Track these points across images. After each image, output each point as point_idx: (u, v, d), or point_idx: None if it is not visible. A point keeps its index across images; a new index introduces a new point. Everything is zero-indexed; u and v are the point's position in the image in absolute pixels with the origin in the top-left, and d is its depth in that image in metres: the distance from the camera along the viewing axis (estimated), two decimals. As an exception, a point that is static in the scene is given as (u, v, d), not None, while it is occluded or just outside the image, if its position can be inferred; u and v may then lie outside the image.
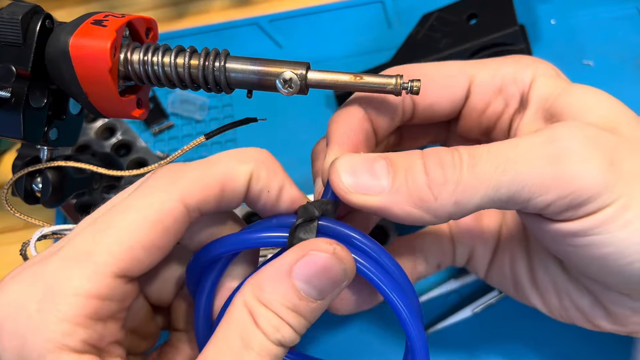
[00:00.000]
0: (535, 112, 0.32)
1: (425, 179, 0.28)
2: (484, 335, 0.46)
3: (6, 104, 0.31)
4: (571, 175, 0.27)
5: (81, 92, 0.31)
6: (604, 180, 0.27)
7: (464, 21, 0.53)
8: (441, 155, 0.28)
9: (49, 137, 0.34)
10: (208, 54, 0.30)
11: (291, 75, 0.30)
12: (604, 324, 0.34)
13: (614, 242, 0.28)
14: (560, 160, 0.27)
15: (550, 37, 0.58)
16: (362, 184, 0.28)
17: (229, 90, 0.31)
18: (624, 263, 0.28)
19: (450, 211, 0.28)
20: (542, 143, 0.28)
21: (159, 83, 0.31)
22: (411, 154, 0.29)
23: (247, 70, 0.30)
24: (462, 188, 0.28)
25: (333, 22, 0.63)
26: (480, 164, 0.28)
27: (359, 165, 0.29)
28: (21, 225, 0.57)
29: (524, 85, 0.33)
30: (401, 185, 0.28)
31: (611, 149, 0.28)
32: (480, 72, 0.35)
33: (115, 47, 0.30)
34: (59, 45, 0.30)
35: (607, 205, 0.27)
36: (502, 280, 0.39)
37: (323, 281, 0.27)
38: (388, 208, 0.28)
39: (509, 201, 0.28)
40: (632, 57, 0.56)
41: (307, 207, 0.29)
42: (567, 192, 0.27)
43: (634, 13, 0.58)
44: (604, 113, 0.30)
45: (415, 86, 0.29)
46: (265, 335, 0.26)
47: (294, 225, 0.29)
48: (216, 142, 0.58)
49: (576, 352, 0.44)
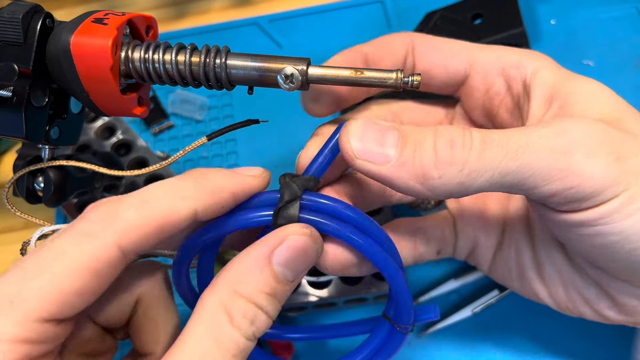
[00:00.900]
0: (541, 98, 0.33)
1: (434, 157, 0.28)
2: (484, 335, 0.46)
3: (8, 103, 0.31)
4: (578, 169, 0.27)
5: (82, 91, 0.31)
6: (610, 175, 0.27)
7: (469, 20, 0.53)
8: (453, 135, 0.29)
9: (51, 136, 0.34)
10: (209, 51, 0.30)
11: (292, 70, 0.30)
12: (611, 314, 0.35)
13: (619, 230, 0.28)
14: (568, 154, 0.27)
15: (550, 37, 0.58)
16: (369, 151, 0.29)
17: (230, 87, 0.31)
18: (629, 249, 0.29)
19: (452, 190, 0.29)
20: (553, 135, 0.28)
21: (160, 80, 0.31)
22: (425, 129, 0.29)
23: (248, 66, 0.30)
24: (468, 171, 0.28)
25: (333, 22, 0.63)
26: (490, 149, 0.28)
27: (371, 132, 0.29)
28: (21, 225, 0.57)
29: (527, 72, 0.34)
30: (407, 160, 0.28)
31: (618, 144, 0.28)
32: (484, 54, 0.36)
33: (117, 45, 0.30)
34: (60, 43, 0.30)
35: (613, 198, 0.27)
36: (506, 274, 0.39)
37: (300, 263, 0.28)
38: (390, 179, 0.29)
39: (513, 187, 0.28)
40: (632, 57, 0.56)
41: (290, 185, 0.30)
42: (572, 185, 0.27)
43: (633, 13, 0.58)
44: (609, 106, 0.31)
45: (416, 80, 0.30)
46: (241, 332, 0.26)
47: (277, 206, 0.29)
48: (216, 142, 0.58)
49: (576, 351, 0.44)
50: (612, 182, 0.27)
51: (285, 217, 0.29)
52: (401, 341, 0.34)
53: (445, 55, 0.36)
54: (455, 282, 0.47)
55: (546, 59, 0.34)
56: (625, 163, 0.28)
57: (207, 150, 0.57)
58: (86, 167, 0.35)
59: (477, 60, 0.36)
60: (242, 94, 0.33)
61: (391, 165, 0.28)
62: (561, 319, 0.39)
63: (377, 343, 0.35)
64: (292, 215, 0.29)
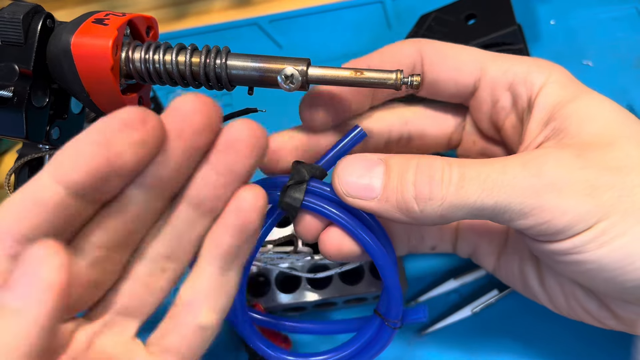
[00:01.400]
0: (539, 120, 0.33)
1: (414, 193, 0.30)
2: (483, 335, 0.46)
3: (8, 104, 0.31)
4: (550, 207, 0.28)
5: (83, 91, 0.31)
6: (582, 210, 0.28)
7: (462, 21, 0.53)
8: (432, 171, 0.30)
9: (51, 137, 0.34)
10: (209, 51, 0.30)
11: (292, 71, 0.30)
12: (612, 323, 0.35)
13: (593, 259, 0.29)
14: (540, 194, 0.29)
15: (550, 37, 0.58)
16: (357, 190, 0.31)
17: (230, 87, 0.31)
18: (606, 277, 0.30)
19: (435, 221, 0.30)
20: (528, 175, 0.29)
21: (160, 81, 0.32)
22: (407, 162, 0.31)
23: (248, 67, 0.30)
24: (447, 205, 0.29)
25: (333, 22, 0.63)
26: (467, 186, 0.29)
27: (358, 169, 0.31)
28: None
29: (533, 88, 0.34)
30: (390, 195, 0.30)
31: (593, 179, 0.29)
32: (493, 65, 0.35)
33: (117, 45, 0.30)
34: (61, 44, 0.30)
35: (586, 230, 0.29)
36: (510, 279, 0.39)
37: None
38: (378, 212, 0.31)
39: (492, 219, 0.30)
40: (631, 57, 0.56)
41: (299, 170, 0.32)
42: (544, 220, 0.29)
43: (633, 13, 0.58)
44: (605, 127, 0.31)
45: (415, 81, 0.30)
46: None
47: (285, 185, 0.32)
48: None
49: (576, 351, 0.44)
50: (584, 216, 0.28)
51: (291, 196, 0.31)
52: (389, 336, 0.36)
53: (455, 67, 0.36)
54: (455, 282, 0.47)
55: (555, 71, 0.34)
56: (600, 198, 0.28)
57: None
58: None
59: (486, 72, 0.36)
60: (242, 94, 0.33)
61: (377, 200, 0.31)
62: (561, 320, 0.39)
63: (366, 338, 0.37)
64: (297, 196, 0.31)
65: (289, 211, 0.32)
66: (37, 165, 0.36)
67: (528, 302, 0.39)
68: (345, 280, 0.46)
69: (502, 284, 0.45)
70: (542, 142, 0.32)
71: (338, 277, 0.46)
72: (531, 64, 0.34)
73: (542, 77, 0.34)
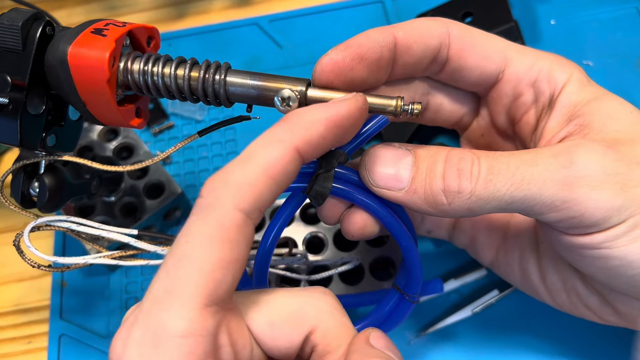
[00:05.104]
0: (561, 116, 0.33)
1: (442, 185, 0.30)
2: (483, 335, 0.46)
3: (4, 110, 0.31)
4: (583, 201, 0.28)
5: (79, 101, 0.31)
6: (615, 204, 0.28)
7: (459, 19, 0.53)
8: (461, 163, 0.30)
9: (47, 144, 0.34)
10: (209, 67, 0.30)
11: (290, 93, 0.30)
12: (612, 319, 0.35)
13: (622, 255, 0.29)
14: (573, 186, 0.28)
15: (550, 37, 0.58)
16: (385, 180, 0.31)
17: (228, 104, 0.31)
18: (633, 274, 0.29)
19: (462, 214, 0.30)
20: (559, 167, 0.29)
21: (158, 93, 0.31)
22: (436, 153, 0.31)
23: (246, 84, 0.30)
24: (475, 199, 0.29)
25: (333, 22, 0.63)
26: (496, 179, 0.29)
27: (388, 160, 0.31)
28: (21, 224, 0.57)
29: (556, 85, 0.33)
30: (419, 187, 0.30)
31: (624, 173, 0.29)
32: (518, 58, 0.34)
33: (114, 57, 0.30)
34: (58, 54, 0.30)
35: (619, 224, 0.28)
36: (509, 273, 0.39)
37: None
38: (406, 204, 0.31)
39: (521, 212, 0.30)
40: (632, 57, 0.56)
41: (328, 159, 0.32)
42: (577, 214, 0.28)
43: (633, 13, 0.58)
44: (627, 125, 0.31)
45: (416, 109, 0.30)
46: None
47: (315, 174, 0.32)
48: (216, 142, 0.58)
49: (576, 351, 0.44)
50: (617, 210, 0.28)
51: (321, 184, 0.32)
52: (408, 310, 0.38)
53: (484, 56, 0.34)
54: (455, 282, 0.47)
55: (576, 69, 0.34)
56: (632, 191, 0.28)
57: (208, 150, 0.58)
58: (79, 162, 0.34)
59: (511, 64, 0.34)
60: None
61: (405, 192, 0.31)
62: (561, 319, 0.39)
63: (386, 310, 0.38)
64: (326, 184, 0.32)
65: (316, 198, 0.33)
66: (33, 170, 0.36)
67: (528, 303, 0.39)
68: (345, 280, 0.47)
69: (502, 284, 0.45)
70: (565, 136, 0.32)
71: (338, 277, 0.47)
72: (553, 61, 0.34)
73: (565, 75, 0.33)
